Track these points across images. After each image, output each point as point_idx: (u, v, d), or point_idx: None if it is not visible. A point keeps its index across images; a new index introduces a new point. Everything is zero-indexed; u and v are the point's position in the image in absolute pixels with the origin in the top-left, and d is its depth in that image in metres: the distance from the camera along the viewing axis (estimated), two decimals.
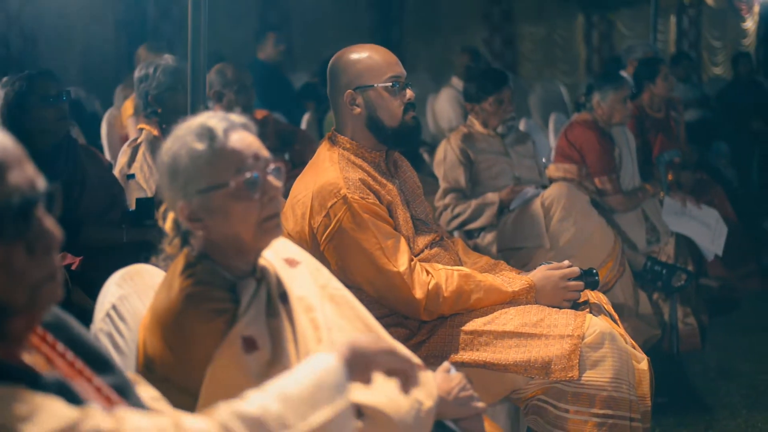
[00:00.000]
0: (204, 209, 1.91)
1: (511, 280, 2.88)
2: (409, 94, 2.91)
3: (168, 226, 2.02)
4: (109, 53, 9.09)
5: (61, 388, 1.44)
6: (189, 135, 1.92)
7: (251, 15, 10.47)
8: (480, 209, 4.57)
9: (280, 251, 2.15)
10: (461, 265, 3.01)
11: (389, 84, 2.88)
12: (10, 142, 1.42)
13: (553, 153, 5.26)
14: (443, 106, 7.81)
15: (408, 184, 3.04)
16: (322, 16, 11.02)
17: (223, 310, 1.89)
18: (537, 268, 2.94)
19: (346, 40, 3.20)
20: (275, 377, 1.60)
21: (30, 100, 3.57)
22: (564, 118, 6.39)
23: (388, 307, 2.83)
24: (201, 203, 1.91)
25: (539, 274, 2.91)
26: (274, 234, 1.98)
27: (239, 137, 1.93)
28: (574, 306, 2.88)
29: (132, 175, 4.05)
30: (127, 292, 2.09)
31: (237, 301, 1.92)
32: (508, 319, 2.78)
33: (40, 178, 1.42)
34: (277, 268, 2.09)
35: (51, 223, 1.43)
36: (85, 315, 1.99)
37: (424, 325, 2.84)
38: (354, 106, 2.89)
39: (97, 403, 1.48)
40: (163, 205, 2.02)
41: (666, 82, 5.61)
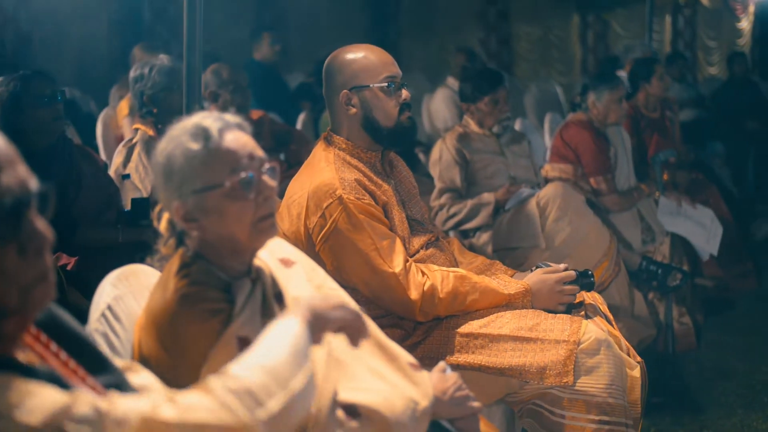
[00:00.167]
0: (199, 209, 1.91)
1: (507, 283, 2.87)
2: (404, 94, 2.91)
3: (163, 226, 2.02)
4: (104, 53, 9.07)
5: (52, 378, 1.45)
6: (184, 135, 1.92)
7: (247, 15, 10.45)
8: (476, 209, 4.57)
9: (276, 251, 2.15)
10: (457, 265, 3.01)
11: (385, 84, 2.87)
12: (1, 143, 1.41)
13: (548, 153, 5.26)
14: (439, 106, 7.81)
15: (404, 184, 3.04)
16: (317, 16, 11.02)
17: (218, 311, 1.89)
18: (533, 272, 2.94)
19: (342, 40, 3.20)
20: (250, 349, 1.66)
21: (25, 100, 3.56)
22: (559, 118, 6.40)
23: (384, 308, 2.82)
24: (196, 203, 1.91)
25: (535, 277, 2.89)
26: (269, 234, 1.98)
27: (234, 137, 1.93)
28: (569, 307, 2.88)
29: (127, 176, 4.04)
30: (122, 293, 2.09)
31: (232, 301, 1.92)
32: (503, 322, 2.77)
33: (32, 179, 1.42)
34: (273, 268, 2.09)
35: (42, 224, 1.43)
36: (80, 315, 1.99)
37: (419, 327, 2.84)
38: (349, 107, 2.89)
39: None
40: (159, 206, 2.02)
41: (661, 81, 5.62)
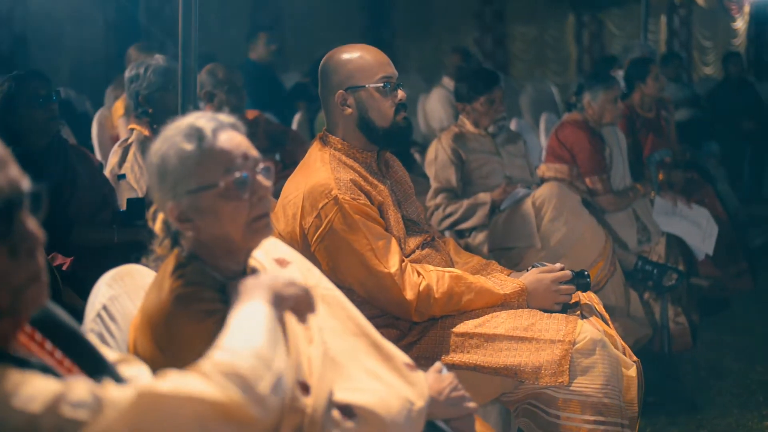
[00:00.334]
0: (193, 210, 1.91)
1: (502, 283, 2.87)
2: (400, 94, 2.90)
3: (158, 227, 2.01)
4: (100, 53, 9.07)
5: (45, 370, 1.45)
6: (178, 135, 1.91)
7: (242, 15, 10.45)
8: (472, 209, 4.57)
9: (271, 251, 2.15)
10: (452, 265, 3.01)
11: (380, 84, 2.87)
12: None
13: (544, 153, 5.26)
14: (434, 106, 7.81)
15: (399, 184, 3.04)
16: (313, 16, 11.02)
17: (213, 311, 1.89)
18: (529, 271, 2.93)
19: (338, 40, 3.19)
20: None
21: (20, 100, 3.56)
22: (555, 118, 6.40)
23: (379, 308, 2.82)
24: (190, 204, 1.91)
25: (531, 277, 2.89)
26: (263, 234, 1.97)
27: (228, 137, 1.93)
28: (565, 307, 2.88)
29: (123, 176, 4.04)
30: (117, 293, 2.09)
31: (227, 301, 1.92)
32: (499, 322, 2.77)
33: (24, 180, 1.41)
34: (268, 268, 2.09)
35: (34, 225, 1.42)
36: (75, 315, 1.98)
37: (415, 327, 2.84)
38: (345, 107, 2.88)
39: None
40: (153, 206, 2.01)
41: (657, 81, 5.62)
